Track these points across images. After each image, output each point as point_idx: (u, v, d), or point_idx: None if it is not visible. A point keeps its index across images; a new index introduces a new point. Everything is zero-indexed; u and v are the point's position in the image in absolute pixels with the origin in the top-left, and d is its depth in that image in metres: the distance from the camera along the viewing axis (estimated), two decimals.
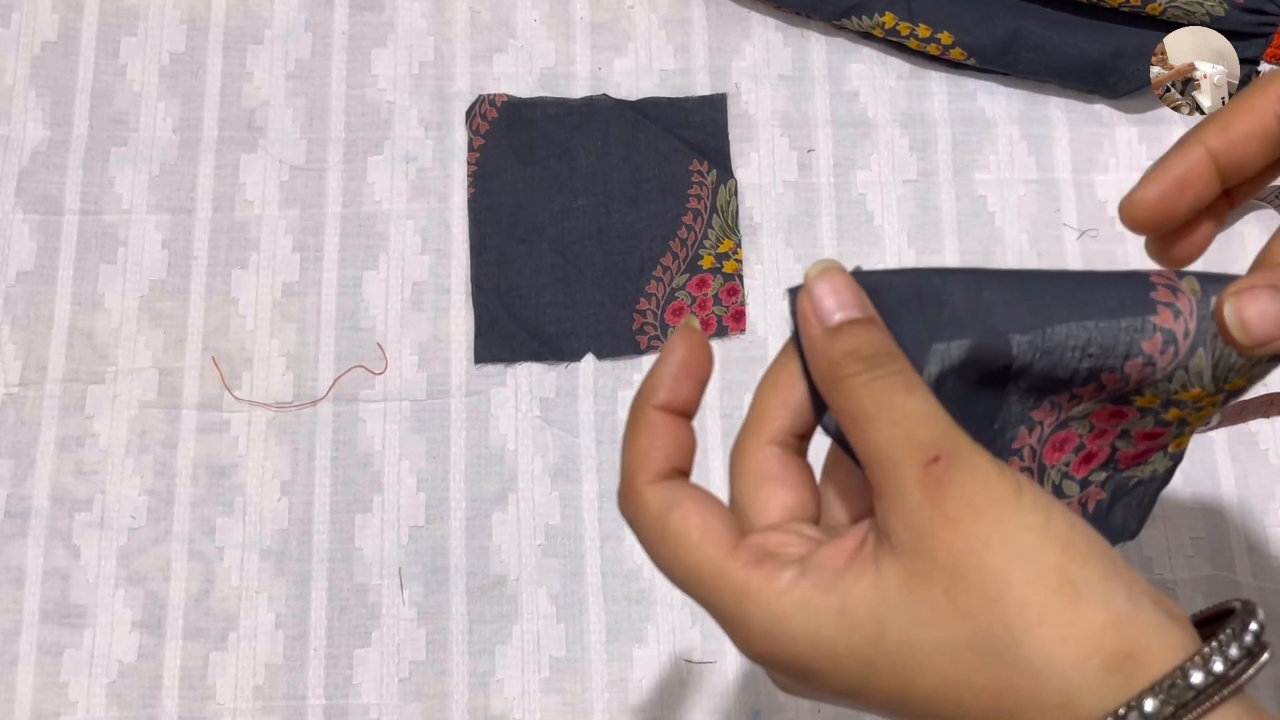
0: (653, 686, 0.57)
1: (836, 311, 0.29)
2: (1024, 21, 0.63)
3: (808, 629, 0.28)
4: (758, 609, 0.29)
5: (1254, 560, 0.58)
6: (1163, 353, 0.32)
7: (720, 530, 0.30)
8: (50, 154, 0.63)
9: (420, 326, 0.61)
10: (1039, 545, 0.27)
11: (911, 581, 0.27)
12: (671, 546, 0.30)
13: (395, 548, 0.58)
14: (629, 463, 0.31)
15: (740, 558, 0.29)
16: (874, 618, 0.28)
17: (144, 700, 0.56)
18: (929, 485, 0.27)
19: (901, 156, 0.64)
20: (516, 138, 0.64)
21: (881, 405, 0.28)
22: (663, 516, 0.30)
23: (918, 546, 0.27)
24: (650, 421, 0.31)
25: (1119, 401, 0.33)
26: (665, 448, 0.31)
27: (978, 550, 0.27)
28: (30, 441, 0.59)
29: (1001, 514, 0.27)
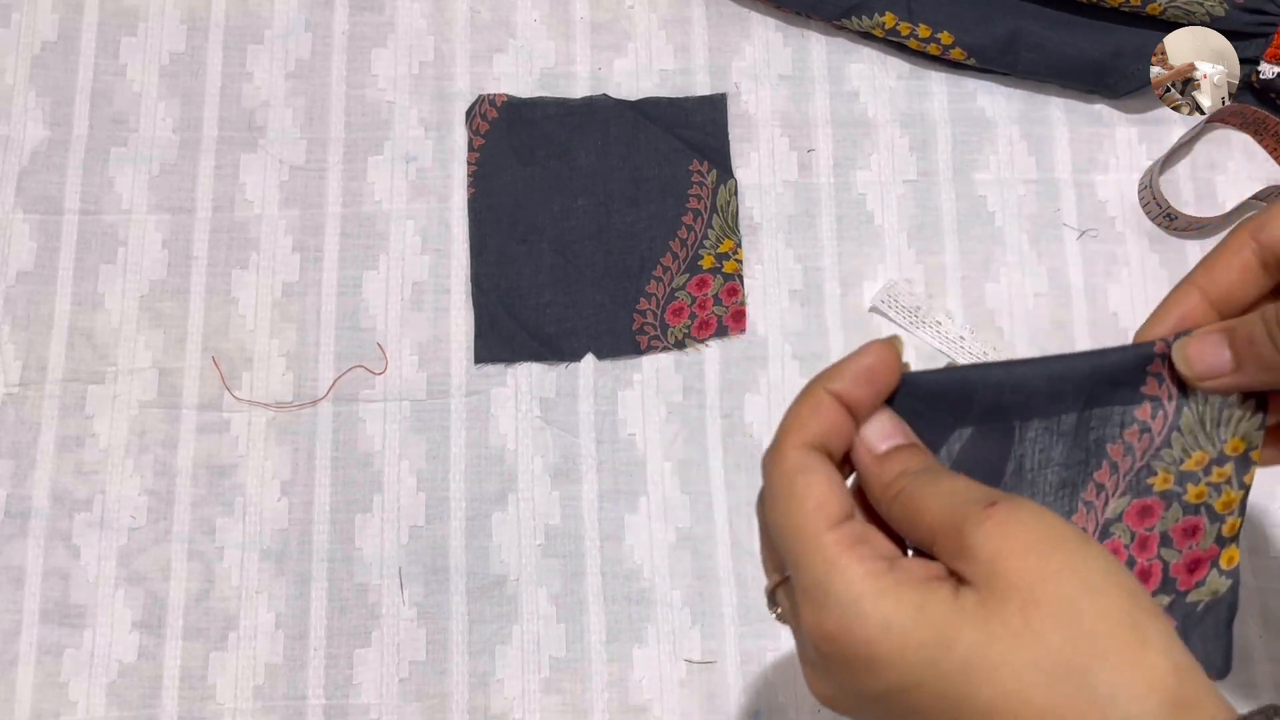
0: (653, 686, 0.57)
1: (884, 442, 0.34)
2: (1024, 21, 0.63)
3: (883, 613, 0.30)
4: (841, 582, 0.31)
5: (1254, 560, 0.58)
6: (1153, 417, 0.35)
7: (835, 506, 0.33)
8: (50, 154, 0.63)
9: (420, 326, 0.61)
10: (1108, 586, 0.29)
11: (988, 601, 0.29)
12: (788, 503, 0.33)
13: (395, 548, 0.58)
14: (786, 424, 0.35)
15: (840, 532, 0.32)
16: (949, 623, 0.30)
17: (144, 700, 0.56)
18: (992, 524, 0.30)
19: (901, 156, 0.64)
20: (516, 138, 0.64)
21: (931, 493, 0.32)
22: (793, 475, 0.33)
23: (991, 575, 0.30)
24: (818, 399, 0.34)
25: (1140, 494, 0.36)
26: (822, 424, 0.34)
27: (1052, 579, 0.29)
28: (30, 441, 0.59)
29: (1071, 550, 0.29)
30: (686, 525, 0.59)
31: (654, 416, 0.60)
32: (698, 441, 0.60)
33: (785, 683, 0.57)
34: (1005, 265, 0.63)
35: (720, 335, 0.61)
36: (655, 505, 0.59)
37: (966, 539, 0.30)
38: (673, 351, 0.61)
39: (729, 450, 0.60)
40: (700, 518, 0.59)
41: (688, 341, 0.61)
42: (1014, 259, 0.63)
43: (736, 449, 0.60)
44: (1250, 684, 0.57)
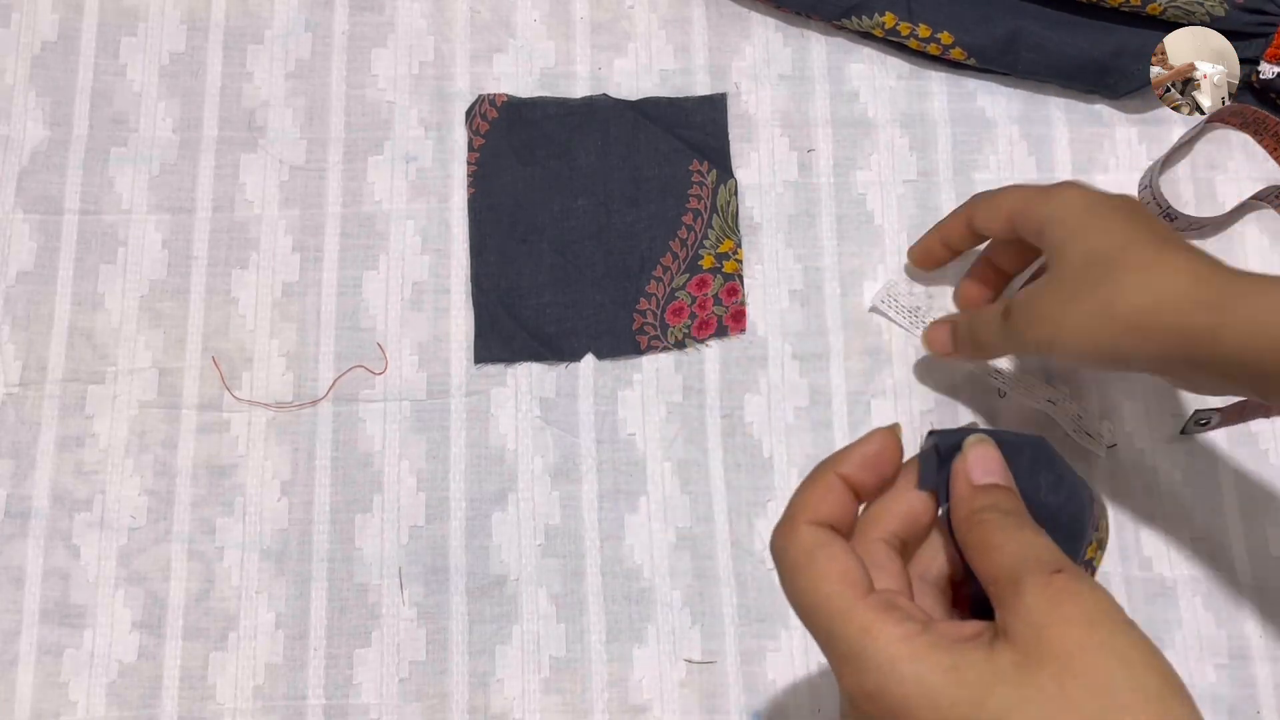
0: (653, 686, 0.57)
1: (984, 476, 0.37)
2: (1024, 21, 0.63)
3: (918, 674, 0.32)
4: (876, 646, 0.33)
5: (1253, 560, 0.58)
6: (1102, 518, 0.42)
7: (858, 577, 0.35)
8: (50, 154, 0.63)
9: (420, 326, 0.61)
10: (1144, 666, 0.31)
11: (1024, 663, 0.31)
12: (812, 578, 0.35)
13: (395, 548, 0.58)
14: (797, 503, 0.37)
15: (870, 602, 0.34)
16: (982, 682, 0.31)
17: (144, 700, 0.56)
18: (1051, 591, 0.32)
19: (901, 156, 0.64)
20: (516, 138, 0.64)
21: (1010, 538, 0.35)
22: (812, 551, 0.35)
23: (1034, 638, 0.31)
24: (829, 481, 0.37)
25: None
26: (832, 504, 0.37)
27: (1091, 650, 0.31)
28: (30, 441, 0.59)
29: (1114, 629, 0.31)
30: (686, 525, 0.59)
31: (654, 416, 0.60)
32: (698, 441, 0.60)
33: (785, 683, 0.57)
34: None
35: (720, 335, 0.61)
36: (655, 505, 0.59)
37: (1023, 597, 0.32)
38: (673, 351, 0.61)
39: (729, 450, 0.60)
40: (700, 518, 0.59)
41: (688, 341, 0.61)
42: None
43: (736, 449, 0.60)
44: (1250, 683, 0.57)
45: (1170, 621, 0.57)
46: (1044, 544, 0.35)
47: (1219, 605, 0.57)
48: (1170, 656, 0.56)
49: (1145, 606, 0.57)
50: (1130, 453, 0.60)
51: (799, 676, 0.57)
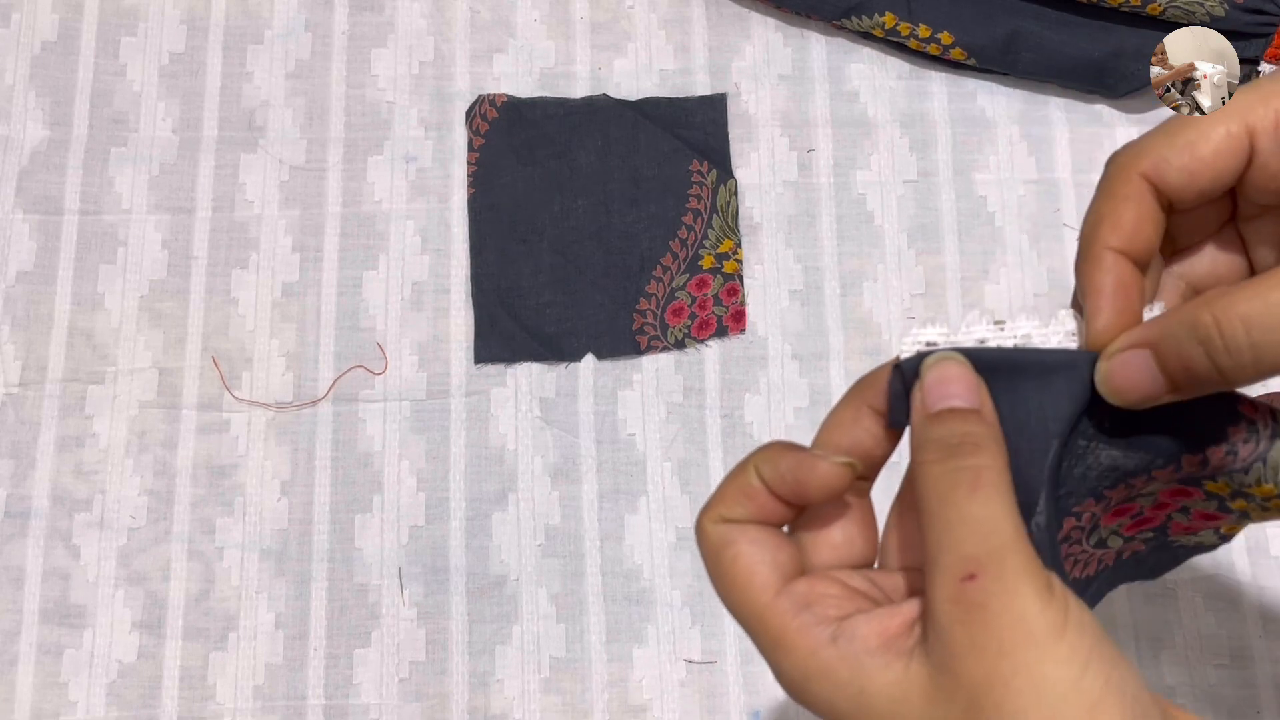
0: (653, 686, 0.57)
1: (940, 401, 0.30)
2: (1024, 21, 0.63)
3: (825, 697, 0.29)
4: (787, 662, 0.29)
5: (1254, 560, 0.58)
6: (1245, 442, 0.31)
7: (768, 572, 0.30)
8: (50, 154, 0.63)
9: (420, 326, 0.61)
10: (1062, 701, 0.26)
11: (934, 693, 0.27)
12: (721, 583, 0.31)
13: (395, 548, 0.58)
14: (711, 499, 0.32)
15: (780, 605, 0.30)
16: (890, 712, 0.28)
17: (144, 700, 0.56)
18: (961, 603, 0.27)
19: (901, 157, 0.64)
20: (516, 138, 0.64)
21: (943, 502, 0.28)
22: (716, 553, 0.31)
23: (944, 662, 0.27)
24: (748, 483, 0.32)
25: (1189, 483, 0.33)
26: (748, 507, 0.32)
27: (998, 687, 0.26)
28: (30, 441, 0.59)
29: (1032, 656, 0.26)
30: (686, 525, 0.59)
31: (654, 416, 0.60)
32: (698, 441, 0.60)
33: None
34: (1005, 266, 0.63)
35: (720, 335, 0.61)
36: (655, 505, 0.59)
37: (933, 607, 0.28)
38: (673, 351, 0.61)
39: (729, 450, 0.60)
40: None
41: (688, 341, 0.61)
42: (1014, 259, 0.63)
43: (736, 449, 0.60)
44: (1250, 684, 0.57)
45: (1170, 622, 0.57)
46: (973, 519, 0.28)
47: (1219, 605, 0.57)
48: (1170, 657, 0.56)
49: (1145, 607, 0.57)
50: None
51: None
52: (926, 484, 0.29)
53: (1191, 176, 0.31)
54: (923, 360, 0.31)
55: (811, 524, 0.32)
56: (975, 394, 0.30)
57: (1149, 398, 0.30)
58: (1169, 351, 0.30)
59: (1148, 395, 0.30)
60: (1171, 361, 0.29)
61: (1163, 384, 0.30)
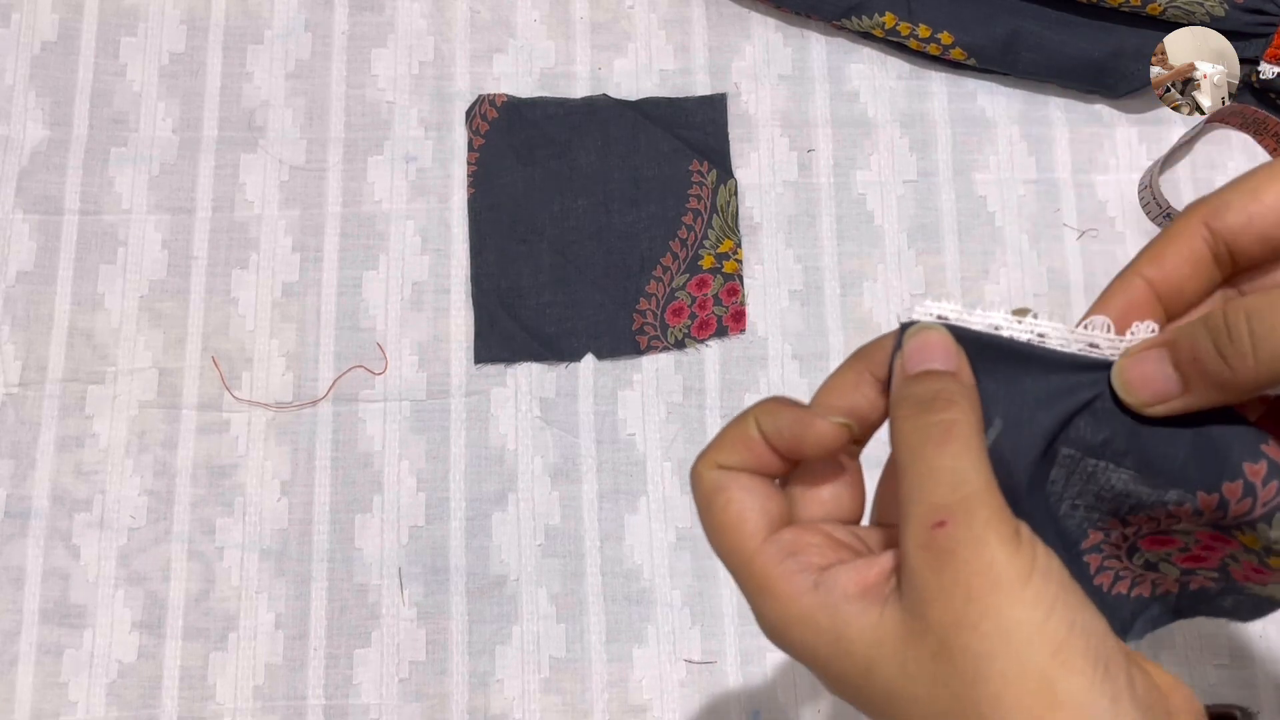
0: (653, 686, 0.57)
1: (918, 364, 0.31)
2: (1024, 21, 0.63)
3: (806, 642, 0.30)
4: (769, 607, 0.31)
5: None
6: (1265, 484, 0.30)
7: (757, 518, 0.32)
8: (50, 154, 0.63)
9: (420, 326, 0.61)
10: (1027, 644, 0.27)
11: (907, 636, 0.28)
12: (712, 526, 0.32)
13: (395, 548, 0.58)
14: (709, 445, 0.33)
15: (766, 551, 0.31)
16: (866, 655, 0.29)
17: (144, 700, 0.56)
18: (931, 549, 0.28)
19: (901, 157, 0.64)
20: (516, 138, 0.64)
21: (914, 455, 0.29)
22: (709, 497, 0.32)
23: (916, 606, 0.28)
24: (747, 433, 0.33)
25: (1221, 530, 0.32)
26: (745, 456, 0.32)
27: (965, 630, 0.27)
28: (30, 441, 0.59)
29: (997, 601, 0.27)
30: (686, 525, 0.59)
31: (654, 416, 0.60)
32: (698, 441, 0.60)
33: (785, 683, 0.57)
34: (1005, 265, 0.63)
35: (720, 335, 0.61)
36: (655, 505, 0.59)
37: (906, 551, 0.28)
38: (673, 351, 0.61)
39: None
40: None
41: (688, 341, 0.61)
42: (1014, 259, 0.63)
43: None
44: (1250, 684, 0.57)
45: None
46: (943, 469, 0.28)
47: None
48: (1171, 657, 0.56)
49: None
50: None
51: (799, 676, 0.57)
52: (900, 438, 0.30)
53: (1250, 219, 0.31)
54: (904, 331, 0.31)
55: (804, 480, 0.33)
56: (954, 359, 0.31)
57: (1160, 396, 0.30)
58: (1183, 346, 0.30)
59: (1159, 393, 0.30)
60: (1184, 356, 0.30)
61: (1175, 382, 0.30)
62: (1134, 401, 0.31)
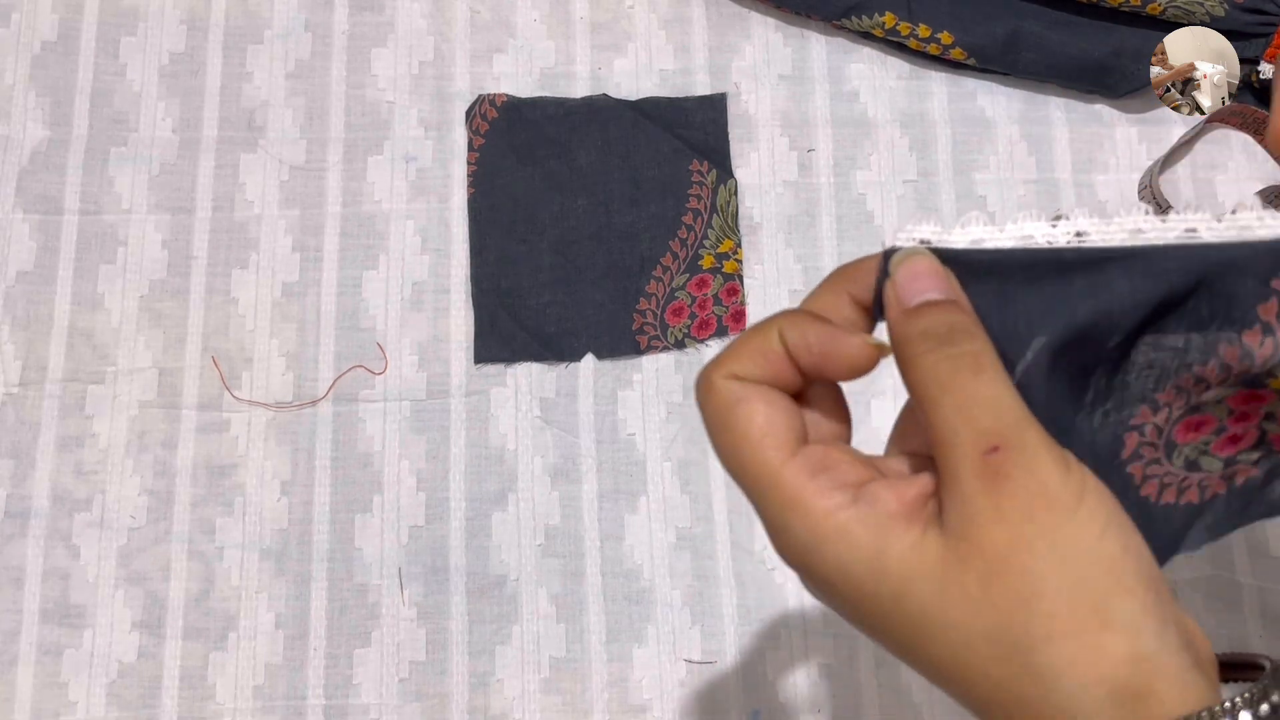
0: (653, 686, 0.57)
1: (915, 296, 0.30)
2: (1024, 21, 0.63)
3: (840, 559, 0.29)
4: (801, 523, 0.29)
5: (1254, 561, 0.58)
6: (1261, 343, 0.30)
7: (783, 433, 0.30)
8: (50, 154, 0.63)
9: (420, 326, 0.61)
10: (1083, 560, 0.27)
11: (949, 559, 0.28)
12: (732, 440, 0.30)
13: (395, 548, 0.58)
14: (721, 354, 0.31)
15: (796, 464, 0.29)
16: (903, 576, 0.28)
17: (144, 700, 0.56)
18: (986, 475, 0.27)
19: (901, 156, 0.64)
20: (516, 138, 0.64)
21: (947, 387, 0.29)
22: (729, 408, 0.30)
23: (965, 531, 0.28)
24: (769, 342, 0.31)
25: (1252, 384, 0.31)
26: (763, 368, 0.31)
27: (1022, 550, 0.27)
28: (30, 441, 0.59)
29: (1054, 520, 0.27)
30: (686, 525, 0.59)
31: (654, 416, 0.60)
32: (698, 441, 0.60)
33: (785, 683, 0.57)
34: None
35: (720, 335, 0.61)
36: (655, 505, 0.59)
37: (955, 479, 0.28)
38: (673, 351, 0.61)
39: None
40: (700, 518, 0.59)
41: (688, 341, 0.61)
42: None
43: None
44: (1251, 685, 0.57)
45: None
46: (986, 398, 0.28)
47: (1219, 607, 0.57)
48: None
49: None
50: None
51: (799, 676, 0.57)
52: (923, 373, 0.29)
53: None
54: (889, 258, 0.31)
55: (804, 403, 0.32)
56: (948, 286, 0.30)
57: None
58: None
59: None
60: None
61: None
62: None
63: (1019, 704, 0.27)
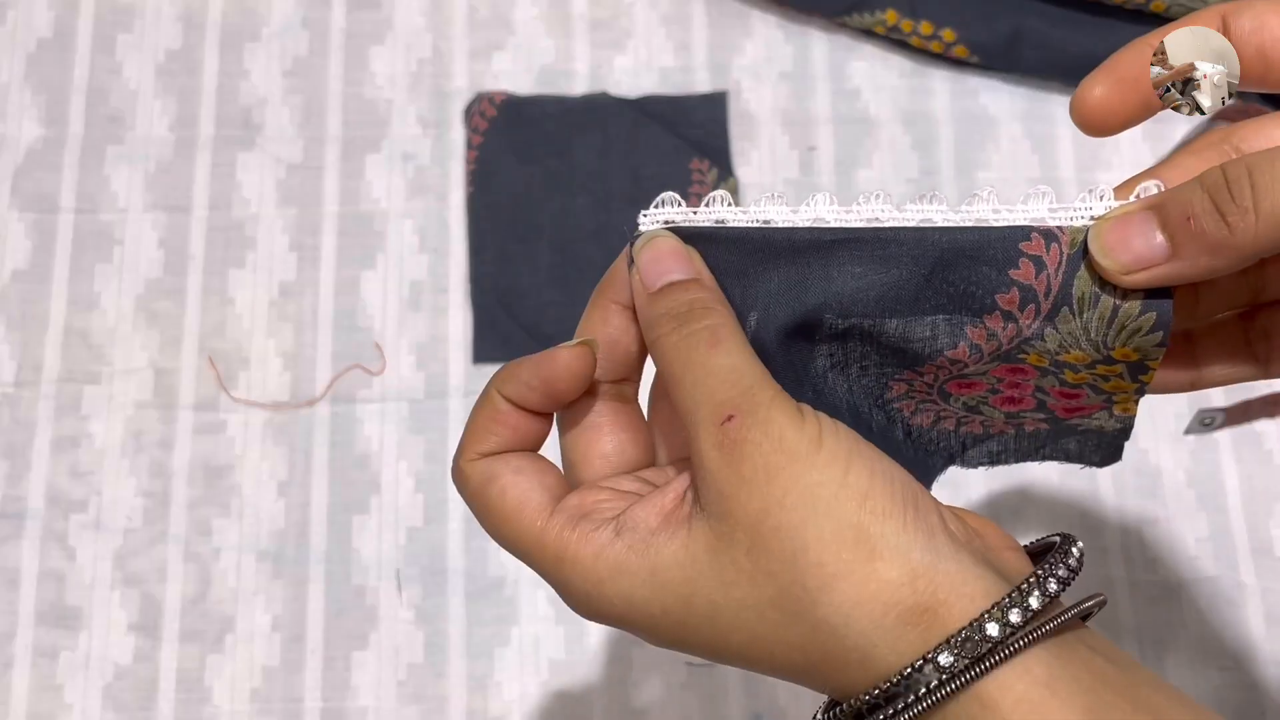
0: (653, 689, 0.56)
1: (658, 278, 0.31)
2: (1027, 19, 0.63)
3: (622, 592, 0.29)
4: (576, 574, 0.29)
5: (1258, 561, 0.58)
6: (1022, 309, 0.30)
7: (536, 498, 0.31)
8: (46, 152, 0.63)
9: (418, 326, 0.61)
10: (834, 500, 0.27)
11: (717, 544, 0.28)
12: (493, 520, 0.31)
13: (393, 549, 0.58)
14: (462, 438, 0.32)
15: (556, 522, 0.30)
16: (684, 579, 0.28)
17: (140, 703, 0.55)
18: (725, 446, 0.28)
19: (903, 155, 0.64)
20: (515, 136, 0.63)
21: (687, 364, 0.29)
22: (482, 491, 0.31)
23: (720, 509, 0.28)
24: (494, 407, 0.32)
25: (1009, 359, 0.32)
26: (501, 434, 0.32)
27: (774, 510, 0.27)
28: (25, 442, 0.58)
29: (797, 470, 0.27)
30: None
31: None
32: None
33: (785, 685, 0.56)
34: None
35: None
36: None
37: (700, 456, 0.28)
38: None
39: None
40: None
41: None
42: None
43: None
44: (1253, 685, 0.56)
45: (1174, 624, 0.57)
46: (721, 369, 0.28)
47: (1223, 608, 0.57)
48: (1174, 659, 0.56)
49: (1149, 609, 0.57)
50: (1133, 453, 0.59)
51: None
52: (667, 355, 0.30)
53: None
54: (632, 245, 0.31)
55: (580, 439, 0.33)
56: (689, 263, 0.31)
57: (1144, 261, 0.29)
58: (1174, 207, 0.28)
59: (1142, 258, 0.29)
60: (1175, 217, 0.28)
61: (1162, 248, 0.28)
62: (1113, 266, 0.29)
63: (825, 660, 0.27)
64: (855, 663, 0.27)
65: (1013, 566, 0.29)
